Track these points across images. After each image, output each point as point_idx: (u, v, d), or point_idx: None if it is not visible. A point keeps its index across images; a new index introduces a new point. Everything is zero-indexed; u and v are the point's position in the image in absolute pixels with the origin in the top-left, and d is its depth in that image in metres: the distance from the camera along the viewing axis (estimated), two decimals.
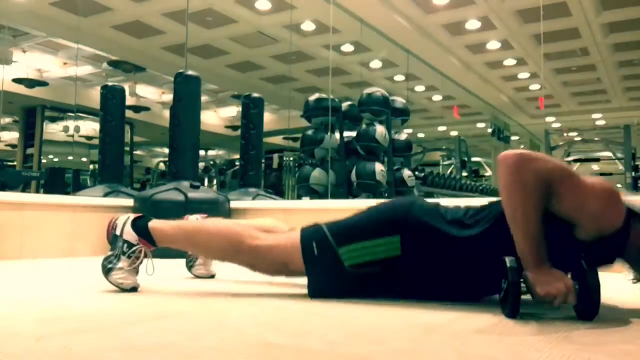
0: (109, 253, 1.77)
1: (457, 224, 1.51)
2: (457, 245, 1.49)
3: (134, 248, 1.74)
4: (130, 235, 1.75)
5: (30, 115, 9.64)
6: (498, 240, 1.41)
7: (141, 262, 1.77)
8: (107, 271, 1.74)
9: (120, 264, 1.73)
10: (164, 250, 1.86)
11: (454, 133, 13.31)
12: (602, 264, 1.40)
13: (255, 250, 1.65)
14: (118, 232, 1.77)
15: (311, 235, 1.61)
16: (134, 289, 1.74)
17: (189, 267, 2.24)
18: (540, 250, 1.34)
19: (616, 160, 12.03)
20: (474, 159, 12.24)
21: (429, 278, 1.55)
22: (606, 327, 1.26)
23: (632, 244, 1.40)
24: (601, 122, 12.73)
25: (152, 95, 11.22)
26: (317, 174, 5.06)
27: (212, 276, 2.23)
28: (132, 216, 1.81)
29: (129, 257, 1.73)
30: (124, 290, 1.72)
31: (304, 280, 1.67)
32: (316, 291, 1.63)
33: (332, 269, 1.56)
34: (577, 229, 1.37)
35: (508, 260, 1.34)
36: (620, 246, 1.40)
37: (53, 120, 10.20)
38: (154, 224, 1.78)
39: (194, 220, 1.89)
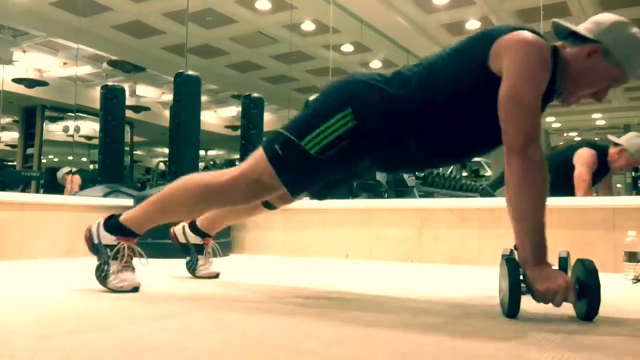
0: (97, 263, 1.77)
1: (399, 82, 1.55)
2: (401, 102, 1.52)
3: (117, 248, 1.74)
4: (107, 238, 1.75)
5: (30, 115, 9.63)
6: (434, 98, 1.48)
7: (131, 259, 1.76)
8: (103, 280, 1.74)
9: (112, 269, 1.73)
10: (164, 251, 1.86)
11: None
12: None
13: (228, 183, 1.63)
14: (96, 241, 1.77)
15: (272, 142, 1.61)
16: (135, 289, 1.74)
17: (192, 270, 2.22)
18: (543, 248, 1.35)
19: None
20: (474, 159, 12.26)
21: (390, 141, 1.57)
22: (606, 327, 1.26)
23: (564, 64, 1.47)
24: (601, 122, 12.73)
25: (152, 95, 11.22)
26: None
27: (217, 275, 2.22)
28: (102, 219, 1.80)
29: (115, 259, 1.73)
30: (125, 292, 1.72)
31: (303, 281, 1.67)
32: (295, 188, 1.64)
33: (302, 162, 1.57)
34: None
35: (508, 260, 1.34)
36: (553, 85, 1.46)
37: (53, 120, 10.20)
38: (125, 215, 1.78)
39: (156, 193, 1.82)
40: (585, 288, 1.28)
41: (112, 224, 1.77)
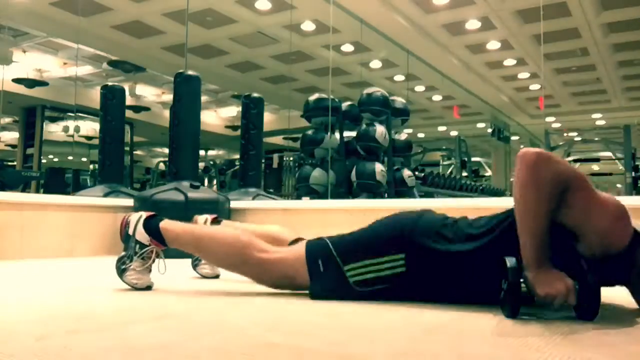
0: (122, 254, 1.80)
1: (462, 237, 1.50)
2: (460, 259, 1.48)
3: (146, 249, 1.78)
4: (142, 235, 1.79)
5: (30, 115, 9.64)
6: (501, 250, 1.40)
7: (153, 262, 1.81)
8: (121, 272, 1.78)
9: (133, 265, 1.77)
10: (164, 251, 1.86)
11: (454, 133, 13.31)
12: (604, 285, 1.38)
13: (263, 263, 1.67)
14: (131, 232, 1.80)
15: (317, 253, 1.62)
16: (148, 288, 1.79)
17: (194, 265, 2.26)
18: (544, 251, 1.33)
19: (616, 160, 12.04)
20: (474, 159, 12.27)
21: (434, 292, 1.55)
22: (606, 327, 1.26)
23: (636, 268, 1.38)
24: (601, 122, 12.74)
25: (152, 95, 11.22)
26: (317, 174, 5.07)
27: (217, 276, 2.24)
28: (145, 215, 1.83)
29: (141, 257, 1.78)
30: (138, 289, 1.76)
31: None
32: (317, 297, 1.62)
33: (338, 285, 1.57)
34: (580, 244, 1.35)
35: (508, 260, 1.34)
36: (623, 269, 1.38)
37: (53, 120, 10.20)
38: (166, 224, 1.81)
39: (204, 227, 1.89)
40: (585, 288, 1.28)
41: (153, 226, 1.80)
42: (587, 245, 1.34)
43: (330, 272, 1.58)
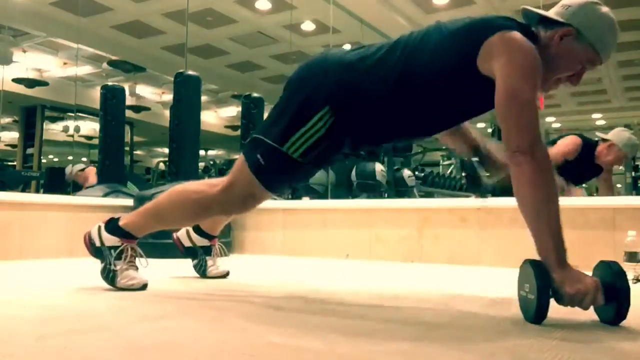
0: (102, 265, 1.79)
1: (376, 76, 1.53)
2: (380, 97, 1.51)
3: (120, 248, 1.78)
4: (110, 240, 1.79)
5: (30, 115, 9.62)
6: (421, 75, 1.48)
7: (135, 258, 1.80)
8: (111, 280, 1.78)
9: (117, 269, 1.77)
10: (164, 251, 1.87)
11: None
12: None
13: (219, 196, 1.65)
14: (98, 244, 1.80)
15: (253, 151, 1.59)
16: (144, 287, 1.77)
17: (202, 272, 2.21)
18: (564, 248, 1.30)
19: None
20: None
21: (373, 129, 1.57)
22: (606, 327, 1.26)
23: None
24: (601, 122, 12.73)
25: (152, 95, 11.21)
26: (317, 174, 5.07)
27: (227, 273, 2.22)
28: (102, 223, 1.84)
29: (120, 259, 1.77)
30: (136, 290, 1.75)
31: (303, 280, 1.67)
32: (282, 191, 1.69)
33: (286, 167, 1.57)
34: None
35: (531, 262, 1.29)
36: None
37: (53, 120, 10.19)
38: (123, 220, 1.81)
39: (151, 201, 1.83)
40: (612, 291, 1.24)
41: (114, 227, 1.81)
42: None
43: (273, 160, 1.55)
